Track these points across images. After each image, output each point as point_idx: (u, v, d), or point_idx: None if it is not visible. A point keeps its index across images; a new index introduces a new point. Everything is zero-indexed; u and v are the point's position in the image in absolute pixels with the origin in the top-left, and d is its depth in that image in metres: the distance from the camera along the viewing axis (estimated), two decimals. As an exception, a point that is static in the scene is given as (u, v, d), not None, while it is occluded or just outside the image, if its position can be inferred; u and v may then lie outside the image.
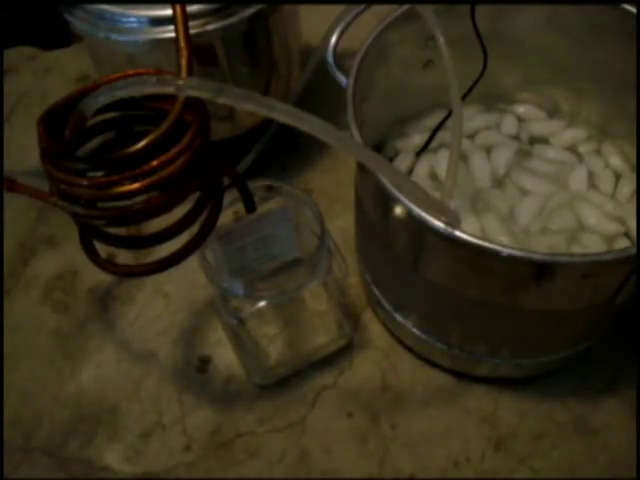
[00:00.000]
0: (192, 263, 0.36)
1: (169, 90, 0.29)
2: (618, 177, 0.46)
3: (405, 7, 0.40)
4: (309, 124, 0.28)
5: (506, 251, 0.31)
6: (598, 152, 0.48)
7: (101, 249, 0.35)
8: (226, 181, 0.36)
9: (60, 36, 0.45)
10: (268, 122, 0.54)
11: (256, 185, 0.40)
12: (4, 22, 0.42)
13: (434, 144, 0.48)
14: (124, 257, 0.51)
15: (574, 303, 0.36)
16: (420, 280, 0.39)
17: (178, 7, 0.32)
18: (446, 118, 0.47)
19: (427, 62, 0.45)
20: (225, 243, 0.43)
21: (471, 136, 0.48)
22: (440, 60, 0.37)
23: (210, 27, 0.42)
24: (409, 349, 0.48)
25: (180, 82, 0.28)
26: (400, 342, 0.48)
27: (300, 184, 0.57)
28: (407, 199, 0.32)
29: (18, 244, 0.55)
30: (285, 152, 0.58)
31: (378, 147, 0.48)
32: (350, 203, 0.45)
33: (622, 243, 0.43)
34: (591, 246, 0.42)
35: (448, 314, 0.41)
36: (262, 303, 0.41)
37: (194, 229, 0.35)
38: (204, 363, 0.48)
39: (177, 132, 0.30)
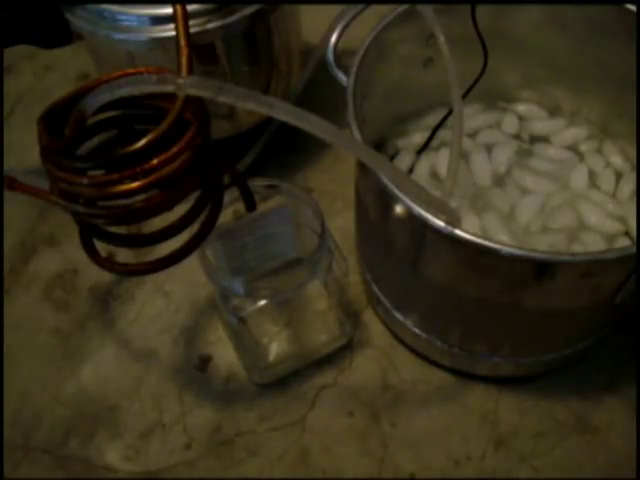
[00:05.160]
0: (192, 262, 0.36)
1: (169, 89, 0.29)
2: (619, 176, 0.46)
3: (405, 6, 0.40)
4: (309, 123, 0.28)
5: (506, 250, 0.31)
6: (599, 151, 0.48)
7: (101, 248, 0.35)
8: (226, 180, 0.36)
9: (60, 35, 0.45)
10: (268, 121, 0.54)
11: (256, 184, 0.40)
12: (4, 21, 0.42)
13: (435, 143, 0.48)
14: (124, 256, 0.51)
15: (574, 302, 0.36)
16: (420, 279, 0.39)
17: (178, 6, 0.32)
18: (447, 117, 0.47)
19: (427, 60, 0.45)
20: (225, 242, 0.43)
21: (472, 135, 0.48)
22: (440, 58, 0.37)
23: (210, 26, 0.42)
24: (409, 348, 0.48)
25: (180, 81, 0.28)
26: (400, 341, 0.48)
27: (300, 183, 0.57)
28: (407, 198, 0.32)
29: (18, 243, 0.55)
30: (285, 151, 0.58)
31: (378, 146, 0.48)
32: (350, 202, 0.45)
33: (622, 242, 0.43)
34: (591, 245, 0.42)
35: (448, 313, 0.41)
36: (262, 302, 0.41)
37: (194, 228, 0.35)
38: (204, 362, 0.48)
39: (177, 131, 0.30)
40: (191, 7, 0.40)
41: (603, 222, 0.43)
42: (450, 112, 0.47)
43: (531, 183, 0.45)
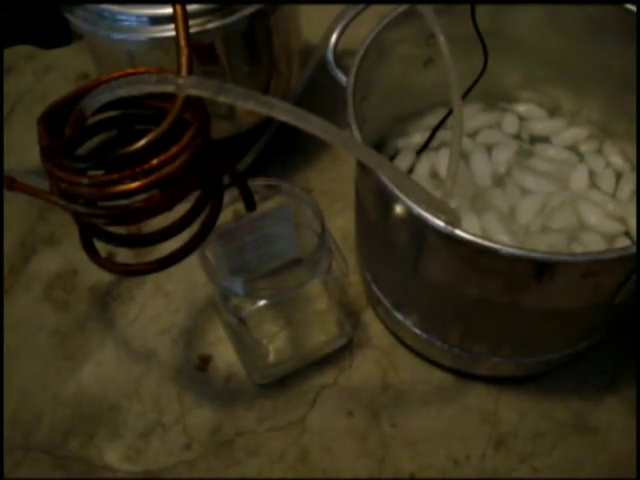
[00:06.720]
0: (192, 262, 0.36)
1: (169, 89, 0.29)
2: (619, 176, 0.46)
3: (405, 6, 0.40)
4: (309, 123, 0.28)
5: (506, 250, 0.31)
6: (599, 151, 0.48)
7: (101, 248, 0.35)
8: (226, 180, 0.36)
9: (60, 35, 0.45)
10: (268, 121, 0.54)
11: (256, 184, 0.40)
12: (4, 21, 0.42)
13: (435, 143, 0.48)
14: (124, 256, 0.51)
15: (574, 302, 0.36)
16: (420, 279, 0.39)
17: (178, 6, 0.32)
18: (447, 117, 0.47)
19: (427, 61, 0.45)
20: (225, 242, 0.43)
21: (472, 135, 0.48)
22: (440, 59, 0.37)
23: (210, 26, 0.42)
24: (409, 348, 0.48)
25: (180, 81, 0.28)
26: (400, 341, 0.48)
27: (300, 183, 0.57)
28: (407, 198, 0.32)
29: (18, 243, 0.55)
30: (285, 151, 0.58)
31: (378, 146, 0.48)
32: (350, 202, 0.45)
33: (622, 242, 0.43)
34: (591, 245, 0.42)
35: (448, 313, 0.41)
36: (262, 302, 0.41)
37: (194, 228, 0.35)
38: (204, 362, 0.48)
39: (177, 131, 0.30)
40: (191, 7, 0.40)
41: (603, 222, 0.43)
42: (450, 112, 0.47)
43: (531, 183, 0.45)
